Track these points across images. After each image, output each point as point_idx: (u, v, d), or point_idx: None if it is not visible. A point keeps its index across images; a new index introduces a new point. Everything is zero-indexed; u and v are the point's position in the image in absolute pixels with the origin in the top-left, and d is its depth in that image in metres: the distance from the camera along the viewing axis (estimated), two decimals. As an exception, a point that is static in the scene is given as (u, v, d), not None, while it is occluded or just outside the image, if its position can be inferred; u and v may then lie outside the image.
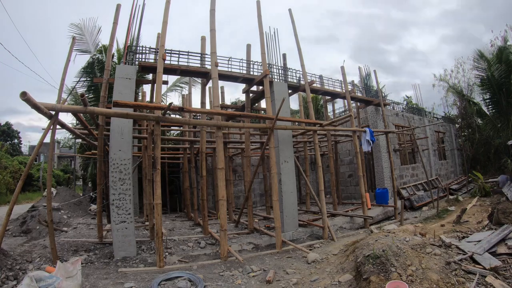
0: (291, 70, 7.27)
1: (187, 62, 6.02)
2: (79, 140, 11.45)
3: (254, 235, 6.26)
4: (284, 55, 7.15)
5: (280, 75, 6.93)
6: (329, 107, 11.66)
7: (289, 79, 7.16)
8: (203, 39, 6.43)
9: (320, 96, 13.03)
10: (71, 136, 15.73)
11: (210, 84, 6.07)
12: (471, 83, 17.03)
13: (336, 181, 9.70)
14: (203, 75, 6.32)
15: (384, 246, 3.45)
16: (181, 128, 9.74)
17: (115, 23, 5.84)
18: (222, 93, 9.99)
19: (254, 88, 7.35)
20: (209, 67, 5.94)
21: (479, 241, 3.92)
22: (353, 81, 10.92)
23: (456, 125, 17.78)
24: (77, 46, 9.71)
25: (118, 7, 5.80)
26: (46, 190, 4.92)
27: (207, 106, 7.33)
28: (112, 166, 4.78)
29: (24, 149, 31.52)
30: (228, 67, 6.44)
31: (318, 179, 6.45)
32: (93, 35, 10.35)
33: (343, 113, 12.51)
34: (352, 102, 8.88)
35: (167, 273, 3.93)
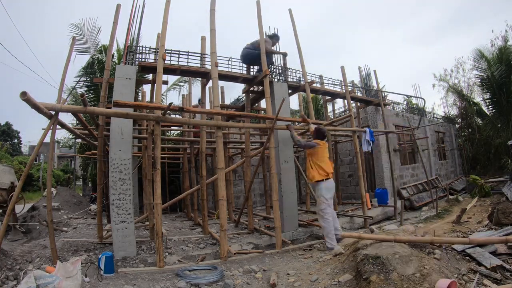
0: (291, 70, 7.28)
1: (187, 62, 6.02)
2: (79, 140, 11.48)
3: (254, 235, 6.25)
4: (284, 55, 7.15)
5: (280, 75, 6.93)
6: (329, 107, 11.66)
7: (289, 79, 7.16)
8: (203, 39, 6.42)
9: (320, 96, 13.04)
10: (71, 136, 15.76)
11: (210, 84, 6.06)
12: (471, 83, 17.06)
13: (336, 181, 9.69)
14: (203, 75, 6.32)
15: (384, 246, 3.45)
16: (181, 128, 9.74)
17: (115, 23, 5.83)
18: (222, 93, 9.99)
19: (254, 88, 7.35)
20: (209, 67, 5.94)
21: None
22: (353, 81, 10.94)
23: (456, 125, 17.78)
24: (77, 46, 9.75)
25: (118, 7, 5.80)
26: (46, 190, 4.92)
27: (207, 106, 7.33)
28: (112, 166, 4.78)
29: (24, 149, 31.56)
30: (228, 67, 6.45)
31: (318, 179, 6.44)
32: (93, 35, 10.38)
33: (343, 113, 12.51)
34: (352, 102, 8.88)
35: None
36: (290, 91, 7.22)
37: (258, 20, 6.33)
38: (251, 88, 7.16)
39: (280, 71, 6.91)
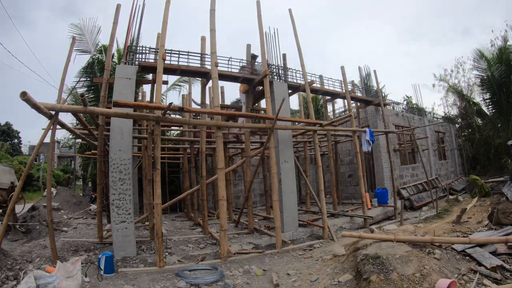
0: (291, 70, 7.28)
1: (187, 62, 6.02)
2: (79, 140, 11.47)
3: (254, 235, 6.26)
4: (284, 55, 7.15)
5: (280, 75, 6.93)
6: (329, 107, 11.66)
7: (289, 79, 7.16)
8: (203, 39, 6.42)
9: (320, 96, 13.03)
10: (71, 136, 15.76)
11: (210, 84, 6.06)
12: (471, 83, 17.07)
13: (336, 181, 9.70)
14: (203, 75, 6.32)
15: (384, 246, 3.45)
16: (181, 128, 9.74)
17: (115, 23, 5.83)
18: (222, 93, 9.98)
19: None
20: (209, 67, 5.94)
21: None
22: (353, 81, 10.94)
23: (456, 125, 17.78)
24: (77, 46, 9.73)
25: (118, 7, 5.80)
26: (46, 190, 4.92)
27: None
28: (112, 166, 4.78)
29: (24, 149, 31.54)
30: (228, 67, 6.45)
31: (318, 179, 6.45)
32: (93, 35, 10.37)
33: (343, 113, 12.51)
34: (352, 102, 8.88)
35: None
36: (290, 91, 7.22)
37: (258, 20, 6.33)
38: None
39: (280, 71, 6.91)
